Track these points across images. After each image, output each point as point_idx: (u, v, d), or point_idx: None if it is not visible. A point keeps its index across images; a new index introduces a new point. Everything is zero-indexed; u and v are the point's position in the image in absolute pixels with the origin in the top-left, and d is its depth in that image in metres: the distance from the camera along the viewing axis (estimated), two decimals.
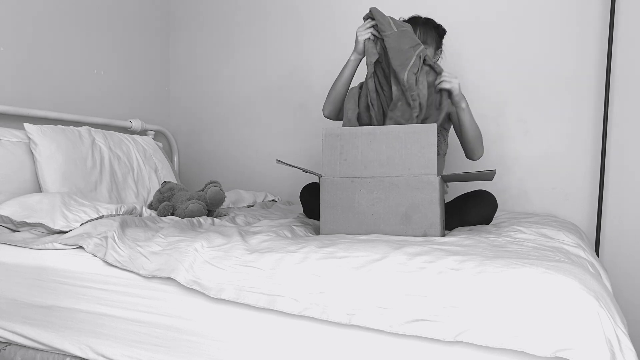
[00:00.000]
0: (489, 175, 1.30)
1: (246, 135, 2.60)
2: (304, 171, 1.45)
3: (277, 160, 1.32)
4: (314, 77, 2.43)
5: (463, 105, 1.54)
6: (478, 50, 2.14)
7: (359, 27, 1.57)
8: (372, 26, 1.55)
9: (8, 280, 1.21)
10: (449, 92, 1.52)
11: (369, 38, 1.55)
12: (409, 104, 1.51)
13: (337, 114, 1.77)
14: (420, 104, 1.52)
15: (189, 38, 2.69)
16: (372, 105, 1.60)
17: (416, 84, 1.50)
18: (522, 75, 2.09)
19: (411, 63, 1.49)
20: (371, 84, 1.58)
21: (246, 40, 2.57)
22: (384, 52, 1.55)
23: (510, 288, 0.82)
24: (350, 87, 1.68)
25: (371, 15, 1.56)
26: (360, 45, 1.57)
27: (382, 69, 1.58)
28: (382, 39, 1.54)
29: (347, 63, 1.66)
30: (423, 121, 1.54)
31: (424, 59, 1.52)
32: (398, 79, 1.51)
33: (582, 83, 2.01)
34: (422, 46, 1.53)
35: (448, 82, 1.50)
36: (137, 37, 2.45)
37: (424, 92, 1.51)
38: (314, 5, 2.42)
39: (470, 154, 1.68)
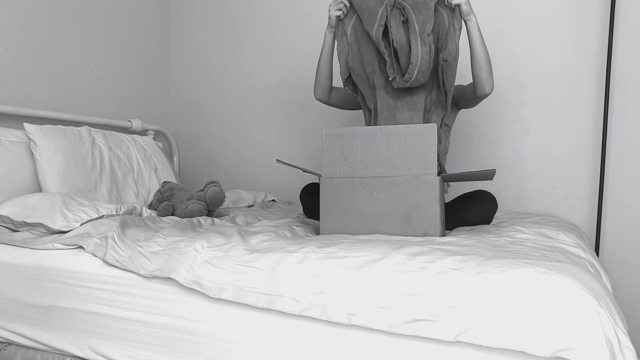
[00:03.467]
0: (489, 175, 1.30)
1: (246, 135, 2.60)
2: (304, 171, 1.45)
3: (277, 160, 1.32)
4: (313, 78, 2.43)
5: (473, 18, 1.51)
6: None
7: (330, 5, 1.60)
8: (342, 2, 1.58)
9: (8, 280, 1.21)
10: (459, 7, 1.49)
11: (339, 17, 1.59)
12: (387, 64, 1.52)
13: (327, 95, 1.78)
14: (395, 53, 1.50)
15: (189, 38, 2.69)
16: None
17: (389, 34, 1.50)
18: (522, 75, 2.09)
19: (378, 17, 1.49)
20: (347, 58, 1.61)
21: (246, 40, 2.57)
22: (358, 19, 1.57)
23: (511, 288, 0.82)
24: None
25: None
26: (332, 21, 1.61)
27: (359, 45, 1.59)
28: (352, 4, 1.57)
29: (324, 40, 1.68)
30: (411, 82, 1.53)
31: (401, 4, 1.50)
32: (371, 39, 1.51)
33: (582, 83, 2.01)
34: None
35: None
36: (137, 37, 2.45)
37: (400, 36, 1.48)
38: (313, 5, 2.42)
39: (481, 86, 1.58)
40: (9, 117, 1.77)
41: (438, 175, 1.29)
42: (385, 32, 1.53)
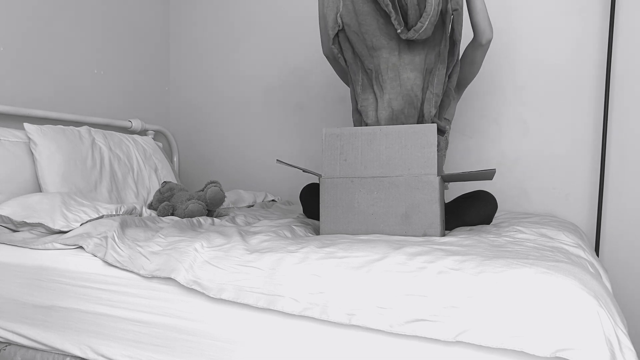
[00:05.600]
0: (489, 175, 1.30)
1: (246, 136, 2.60)
2: (304, 171, 1.44)
3: (277, 160, 1.32)
4: (313, 78, 2.43)
5: None
6: None
7: None
8: None
9: (8, 280, 1.21)
10: None
11: None
12: (386, 15, 1.46)
13: (333, 52, 1.71)
14: (399, 7, 1.45)
15: (189, 38, 2.69)
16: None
17: None
18: (522, 75, 2.09)
19: None
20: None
21: (246, 40, 2.57)
22: None
23: (510, 288, 0.82)
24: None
25: None
26: None
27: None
28: None
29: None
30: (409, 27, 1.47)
31: None
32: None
33: (582, 83, 2.01)
34: None
35: None
36: (137, 37, 2.45)
37: None
38: (314, 5, 2.42)
39: (485, 32, 1.56)
40: (9, 117, 1.77)
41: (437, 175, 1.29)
42: None
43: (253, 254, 1.04)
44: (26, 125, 1.64)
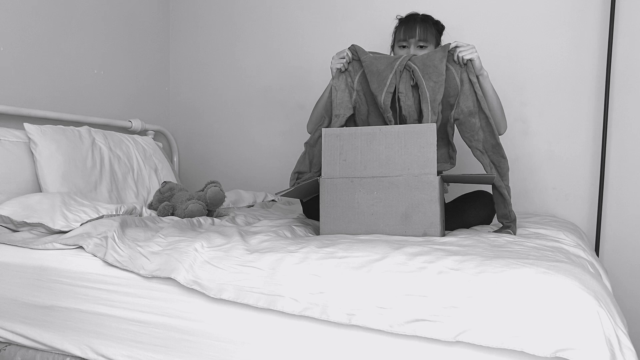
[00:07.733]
0: (488, 179, 1.30)
1: (246, 135, 2.60)
2: (302, 183, 1.46)
3: (275, 194, 1.34)
4: (314, 77, 2.43)
5: (485, 73, 1.51)
6: (477, 50, 2.14)
7: (333, 57, 1.60)
8: (345, 57, 1.57)
9: (8, 280, 1.21)
10: (471, 61, 1.46)
11: (340, 69, 1.59)
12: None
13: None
14: (401, 119, 1.51)
15: (189, 38, 2.69)
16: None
17: (398, 101, 1.50)
18: (522, 75, 2.09)
19: (387, 83, 1.49)
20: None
21: (246, 40, 2.57)
22: (364, 77, 1.56)
23: (510, 288, 0.82)
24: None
25: (352, 49, 1.59)
26: (334, 73, 1.60)
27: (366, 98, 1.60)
28: (360, 62, 1.57)
29: (327, 87, 1.66)
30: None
31: (410, 67, 1.50)
32: (377, 102, 1.52)
33: (582, 83, 2.01)
34: (403, 57, 1.51)
35: (468, 51, 1.45)
36: (137, 37, 2.45)
37: (409, 103, 1.49)
38: (314, 5, 2.42)
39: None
40: (9, 117, 1.77)
41: (438, 175, 1.29)
42: (394, 97, 1.52)
43: (253, 254, 1.04)
44: (26, 125, 1.64)
